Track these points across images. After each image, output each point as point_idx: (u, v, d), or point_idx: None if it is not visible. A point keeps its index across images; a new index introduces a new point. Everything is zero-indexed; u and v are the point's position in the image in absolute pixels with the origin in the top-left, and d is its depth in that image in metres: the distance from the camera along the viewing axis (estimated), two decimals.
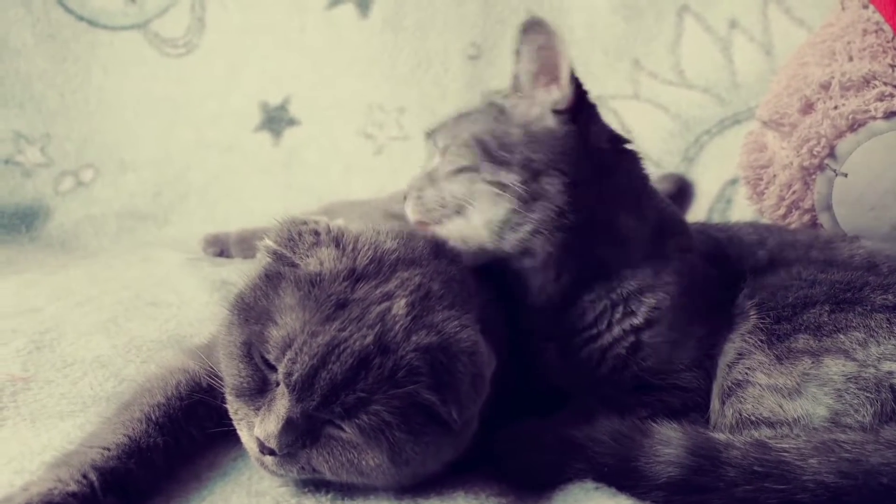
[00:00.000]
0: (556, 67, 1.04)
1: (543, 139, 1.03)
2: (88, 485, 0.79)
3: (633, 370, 1.08)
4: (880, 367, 0.94)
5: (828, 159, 1.32)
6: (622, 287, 1.06)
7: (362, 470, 0.83)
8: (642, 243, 1.08)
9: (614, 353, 1.07)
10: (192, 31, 2.49)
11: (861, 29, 1.48)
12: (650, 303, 1.06)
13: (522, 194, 1.00)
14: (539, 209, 1.01)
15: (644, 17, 2.16)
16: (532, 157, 1.01)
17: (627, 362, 1.07)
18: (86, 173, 2.44)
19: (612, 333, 1.07)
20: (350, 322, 0.82)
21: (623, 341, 1.07)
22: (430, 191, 1.08)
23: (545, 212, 1.01)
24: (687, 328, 1.08)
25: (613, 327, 1.07)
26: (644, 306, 1.06)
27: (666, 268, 1.08)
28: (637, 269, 1.07)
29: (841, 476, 0.84)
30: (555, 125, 1.04)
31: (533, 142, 1.03)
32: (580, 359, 1.09)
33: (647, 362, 1.07)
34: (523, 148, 1.02)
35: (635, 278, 1.06)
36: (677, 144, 2.07)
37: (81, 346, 1.24)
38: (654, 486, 0.88)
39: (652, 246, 1.09)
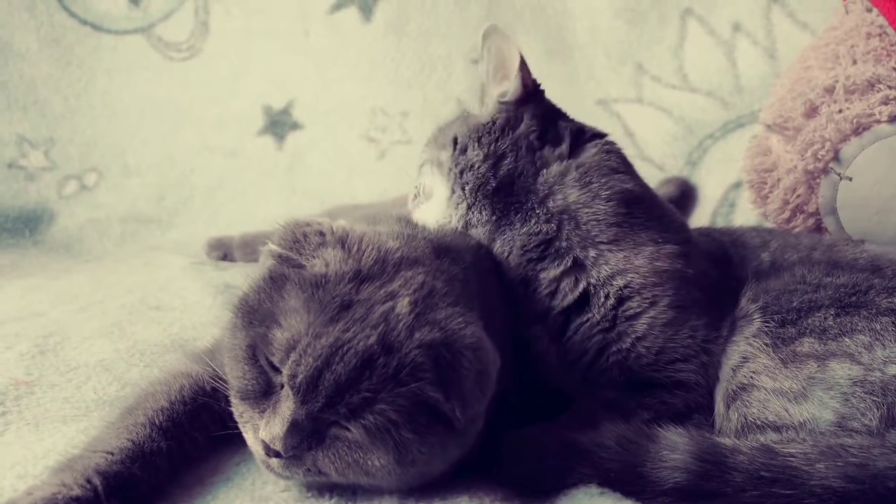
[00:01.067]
0: (510, 65, 1.18)
1: (471, 121, 1.20)
2: (92, 489, 0.79)
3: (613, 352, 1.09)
4: (886, 370, 0.94)
5: (832, 163, 1.31)
6: (596, 270, 1.11)
7: (368, 470, 0.82)
8: (602, 223, 1.11)
9: (597, 330, 1.10)
10: (195, 36, 2.50)
11: (865, 32, 1.48)
12: (619, 283, 1.10)
13: (454, 166, 1.17)
14: (469, 179, 1.15)
15: (647, 20, 2.16)
16: (457, 132, 1.19)
17: (607, 340, 1.10)
18: (89, 177, 2.45)
19: (598, 314, 1.10)
20: (354, 323, 0.81)
21: (605, 318, 1.10)
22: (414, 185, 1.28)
23: (473, 181, 1.15)
24: (676, 312, 1.09)
25: (600, 309, 1.11)
26: (614, 287, 1.10)
27: (636, 253, 1.11)
28: (608, 253, 1.11)
29: (848, 480, 0.84)
30: (489, 112, 1.19)
31: (463, 124, 1.20)
32: (571, 343, 1.11)
33: (625, 342, 1.09)
34: (454, 129, 1.21)
35: (607, 263, 1.11)
36: (680, 148, 2.07)
37: (85, 351, 1.25)
38: (660, 491, 0.88)
39: (618, 228, 1.11)
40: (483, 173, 1.14)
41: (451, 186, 1.17)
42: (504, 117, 1.17)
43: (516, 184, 1.14)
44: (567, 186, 1.13)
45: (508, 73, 1.18)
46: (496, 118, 1.17)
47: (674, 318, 1.09)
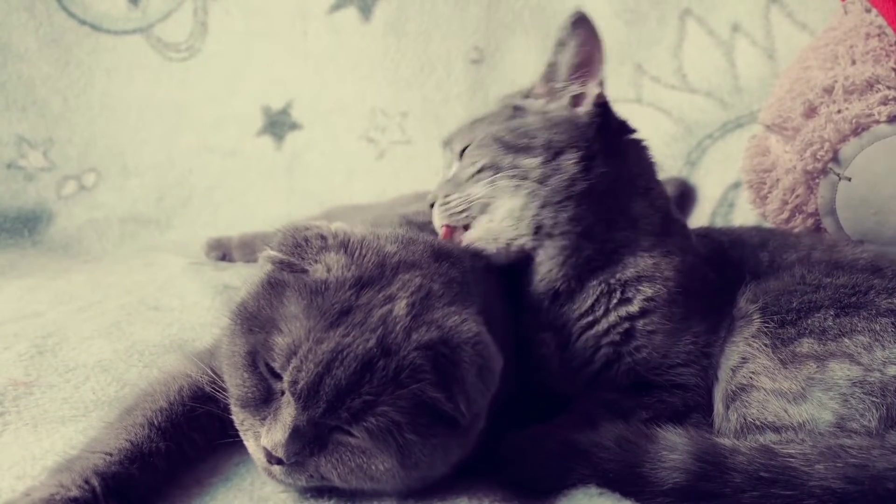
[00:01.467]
0: (595, 63, 1.13)
1: (563, 123, 1.10)
2: (90, 490, 0.79)
3: (626, 362, 1.08)
4: (886, 371, 0.94)
5: (831, 163, 1.31)
6: (623, 272, 1.08)
7: (372, 475, 0.82)
8: (651, 231, 1.11)
9: (608, 341, 1.08)
10: (194, 36, 2.50)
11: (864, 33, 1.48)
12: (647, 293, 1.08)
13: (541, 175, 1.07)
14: (552, 182, 1.07)
15: (647, 21, 2.16)
16: (553, 137, 1.08)
17: (620, 352, 1.08)
18: (88, 177, 2.44)
19: (608, 320, 1.08)
20: (353, 327, 0.81)
21: (617, 328, 1.08)
22: (455, 195, 1.12)
23: (557, 182, 1.06)
24: (682, 323, 1.09)
25: (609, 314, 1.08)
26: (640, 295, 1.08)
27: (667, 261, 1.09)
28: (639, 257, 1.09)
29: (847, 482, 0.84)
30: (581, 112, 1.12)
31: (554, 125, 1.10)
32: (576, 349, 1.10)
33: (641, 353, 1.08)
34: (545, 132, 1.09)
35: (636, 266, 1.09)
36: (680, 148, 2.07)
37: (83, 351, 1.24)
38: (659, 491, 0.88)
39: (657, 237, 1.11)
40: (572, 174, 1.06)
41: (528, 193, 1.07)
42: (599, 121, 1.11)
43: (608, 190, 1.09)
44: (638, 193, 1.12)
45: (593, 72, 1.12)
46: (594, 121, 1.11)
47: (680, 327, 1.09)
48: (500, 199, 1.08)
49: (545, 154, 1.07)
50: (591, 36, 1.11)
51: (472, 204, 1.10)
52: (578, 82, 1.12)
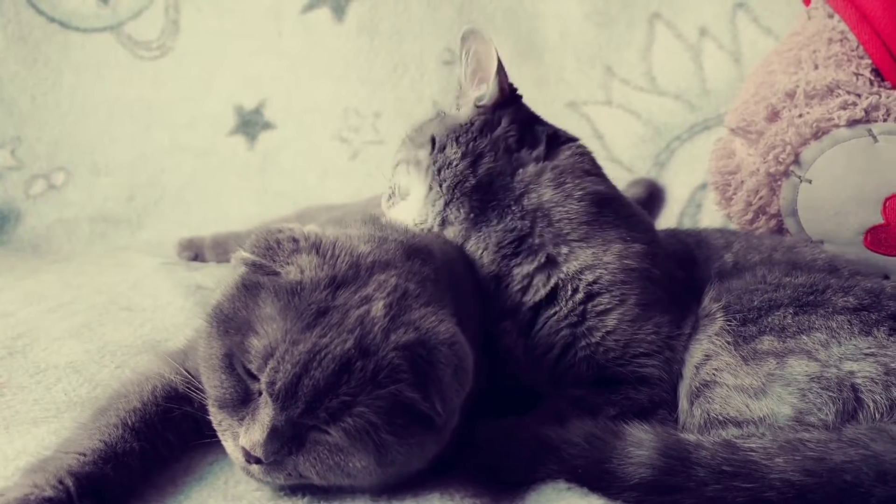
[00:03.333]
0: (486, 68, 1.20)
1: (448, 121, 1.22)
2: (65, 490, 0.79)
3: (582, 346, 1.12)
4: (842, 366, 0.97)
5: (793, 166, 1.34)
6: (566, 266, 1.14)
7: (349, 472, 0.83)
8: (574, 221, 1.14)
9: (566, 324, 1.13)
10: (166, 34, 2.48)
11: (826, 38, 1.51)
12: (588, 279, 1.13)
13: (432, 164, 1.18)
14: (447, 176, 1.17)
15: (616, 24, 2.19)
16: (434, 132, 1.20)
17: (576, 334, 1.12)
18: (57, 176, 2.41)
19: (566, 308, 1.13)
20: (330, 328, 0.82)
21: (573, 313, 1.13)
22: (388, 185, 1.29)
23: (451, 178, 1.16)
24: (642, 310, 1.12)
25: (567, 303, 1.13)
26: (583, 283, 1.13)
27: (604, 249, 1.14)
28: (578, 249, 1.14)
29: (806, 474, 0.86)
30: (466, 114, 1.21)
31: (440, 124, 1.22)
32: (540, 338, 1.14)
33: (594, 336, 1.12)
34: (432, 128, 1.22)
35: (577, 259, 1.14)
36: (649, 150, 2.10)
37: (54, 352, 1.24)
38: (626, 486, 0.90)
39: (588, 227, 1.15)
40: (461, 171, 1.16)
41: (428, 184, 1.18)
42: (482, 119, 1.19)
43: (494, 183, 1.16)
44: (542, 186, 1.16)
45: (486, 76, 1.19)
46: (474, 120, 1.19)
47: (639, 314, 1.12)
48: (413, 189, 1.22)
49: (429, 146, 1.20)
50: (478, 44, 1.19)
51: (394, 191, 1.26)
52: (475, 89, 1.22)
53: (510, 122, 1.20)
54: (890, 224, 1.29)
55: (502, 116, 1.20)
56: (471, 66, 1.21)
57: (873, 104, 1.31)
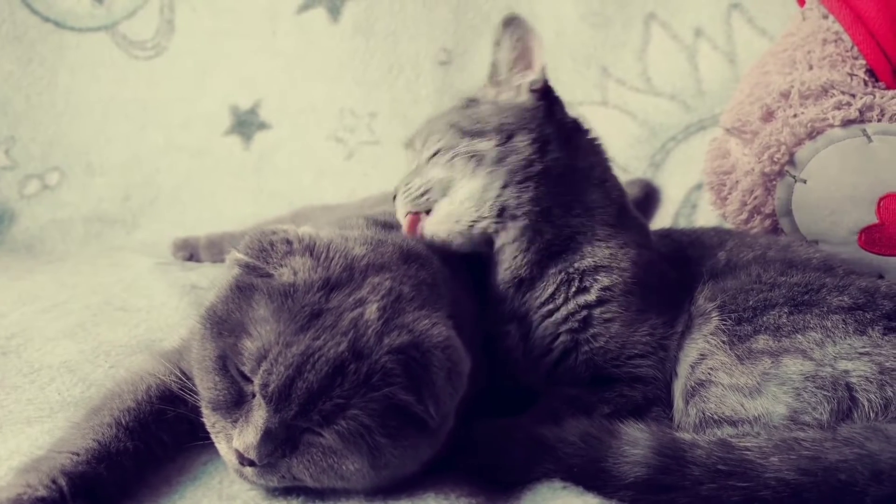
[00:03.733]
0: (531, 55, 1.18)
1: (513, 108, 1.16)
2: (58, 490, 0.79)
3: (584, 350, 1.11)
4: (836, 366, 0.97)
5: (788, 166, 1.34)
6: (581, 262, 1.12)
7: (343, 475, 0.83)
8: (606, 221, 1.14)
9: (566, 328, 1.11)
10: (160, 34, 2.47)
11: (821, 38, 1.51)
12: (604, 282, 1.11)
13: (497, 157, 1.10)
14: (510, 162, 1.10)
15: (612, 25, 2.20)
16: (504, 120, 1.13)
17: (578, 340, 1.11)
18: (52, 176, 2.41)
19: (567, 308, 1.11)
20: (324, 330, 0.82)
21: (576, 315, 1.11)
22: (415, 180, 1.15)
23: (515, 162, 1.10)
24: (638, 314, 1.12)
25: (569, 302, 1.11)
26: (598, 284, 1.11)
27: (623, 252, 1.13)
28: (596, 247, 1.12)
29: (801, 473, 0.86)
30: (524, 99, 1.17)
31: (504, 110, 1.15)
32: (536, 338, 1.12)
33: (598, 342, 1.11)
34: (496, 116, 1.14)
35: (594, 255, 1.12)
36: (644, 150, 2.10)
37: (48, 352, 1.23)
38: (621, 485, 0.90)
39: (613, 229, 1.14)
40: (528, 156, 1.11)
41: (486, 173, 1.10)
42: (543, 105, 1.16)
43: (563, 174, 1.13)
44: (590, 183, 1.16)
45: (532, 63, 1.18)
46: (539, 104, 1.16)
47: (637, 318, 1.12)
48: (460, 181, 1.11)
49: (498, 136, 1.11)
50: (524, 31, 1.17)
51: (432, 186, 1.13)
52: (519, 75, 1.19)
53: (563, 110, 1.19)
54: (884, 224, 1.29)
55: (554, 103, 1.18)
56: (516, 52, 1.18)
57: (867, 104, 1.31)
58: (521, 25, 1.17)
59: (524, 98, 1.17)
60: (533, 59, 1.18)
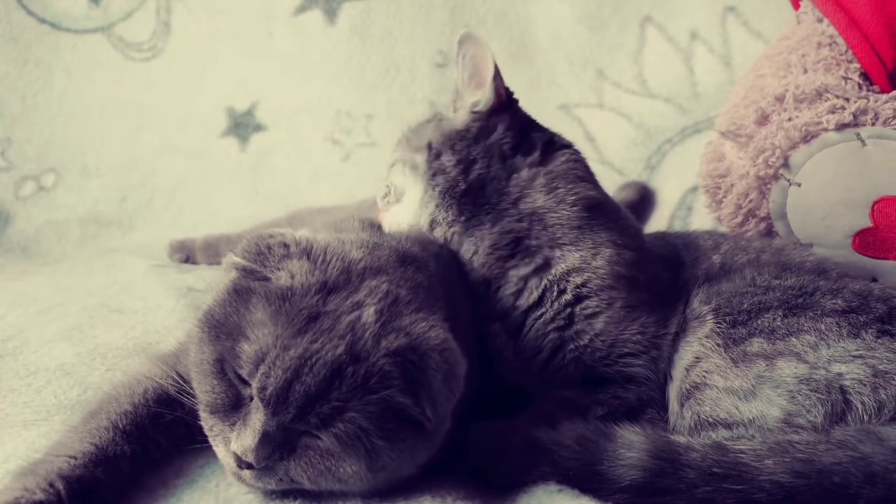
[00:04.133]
0: (483, 73, 1.19)
1: (444, 128, 1.22)
2: (55, 493, 0.79)
3: (570, 348, 1.13)
4: (830, 368, 0.98)
5: (782, 169, 1.35)
6: (555, 268, 1.14)
7: (340, 477, 0.84)
8: (566, 226, 1.15)
9: (553, 327, 1.14)
10: (157, 36, 2.47)
11: (816, 42, 1.52)
12: (576, 281, 1.14)
13: (428, 170, 1.19)
14: (440, 181, 1.18)
15: (608, 27, 2.20)
16: (431, 138, 1.20)
17: (564, 337, 1.13)
18: (47, 178, 2.40)
19: (553, 309, 1.14)
20: (321, 334, 0.82)
21: (561, 315, 1.14)
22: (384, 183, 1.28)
23: (444, 183, 1.17)
24: (627, 312, 1.13)
25: (553, 304, 1.14)
26: (571, 285, 1.14)
27: (594, 254, 1.15)
28: (567, 252, 1.15)
29: (795, 476, 0.87)
30: (462, 121, 1.21)
31: (436, 130, 1.22)
32: (527, 340, 1.15)
33: (583, 339, 1.13)
34: (428, 133, 1.22)
35: (565, 261, 1.15)
36: (640, 153, 2.11)
37: (44, 355, 1.23)
38: (617, 488, 0.90)
39: (579, 231, 1.16)
40: (454, 177, 1.17)
41: (423, 188, 1.19)
42: (478, 126, 1.19)
43: (488, 187, 1.17)
44: (535, 191, 1.17)
45: (483, 81, 1.19)
46: (470, 126, 1.19)
47: (625, 315, 1.13)
48: (408, 191, 1.22)
49: (427, 153, 1.20)
50: (476, 48, 1.19)
51: (390, 189, 1.26)
52: (475, 93, 1.21)
53: (505, 129, 1.20)
54: (878, 227, 1.30)
55: (498, 123, 1.20)
56: (467, 71, 1.21)
57: (861, 108, 1.32)
58: (473, 42, 1.19)
59: (460, 119, 1.21)
60: (484, 77, 1.19)
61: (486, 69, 1.19)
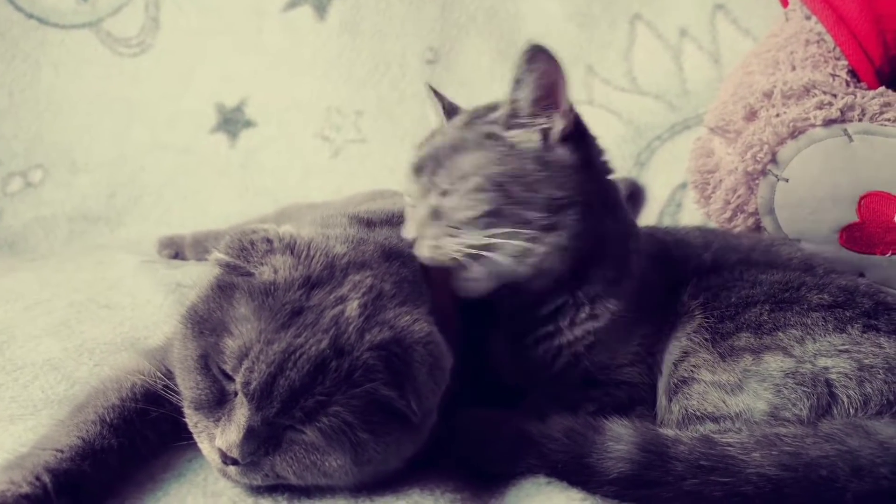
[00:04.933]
0: (557, 94, 1.04)
1: (561, 174, 1.04)
2: (41, 486, 0.79)
3: (584, 366, 1.11)
4: (816, 362, 0.98)
5: (770, 165, 1.35)
6: (590, 287, 1.08)
7: (326, 471, 0.84)
8: (616, 245, 1.11)
9: (571, 351, 1.10)
10: (146, 31, 2.46)
11: (804, 39, 1.53)
12: (612, 308, 1.09)
13: (542, 227, 1.02)
14: (555, 235, 1.03)
15: (598, 24, 2.21)
16: (555, 194, 1.03)
17: (580, 359, 1.11)
18: (35, 174, 2.39)
19: (574, 333, 1.09)
20: (305, 328, 0.82)
21: (583, 340, 1.09)
22: (447, 240, 1.04)
23: (561, 237, 1.03)
24: (633, 328, 1.12)
25: (575, 328, 1.09)
26: (608, 312, 1.09)
27: (628, 271, 1.11)
28: (603, 270, 1.09)
29: (782, 469, 0.87)
30: (566, 156, 1.06)
31: (552, 178, 1.03)
32: (535, 354, 1.11)
33: (598, 358, 1.11)
34: (545, 186, 1.03)
35: (602, 280, 1.09)
36: (630, 149, 2.12)
37: (31, 350, 1.23)
38: (605, 481, 0.91)
39: (620, 247, 1.12)
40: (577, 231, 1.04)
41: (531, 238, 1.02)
42: (578, 157, 1.06)
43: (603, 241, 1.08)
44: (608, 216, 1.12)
45: (557, 101, 1.04)
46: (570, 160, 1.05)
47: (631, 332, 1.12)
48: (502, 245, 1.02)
49: (546, 210, 1.03)
50: (549, 66, 1.02)
51: (473, 249, 1.03)
52: (544, 115, 1.05)
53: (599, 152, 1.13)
54: (865, 222, 1.30)
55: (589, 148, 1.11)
56: (537, 91, 1.03)
57: (849, 104, 1.33)
58: (548, 59, 1.02)
59: (560, 153, 1.05)
60: (559, 98, 1.04)
61: (562, 89, 1.04)
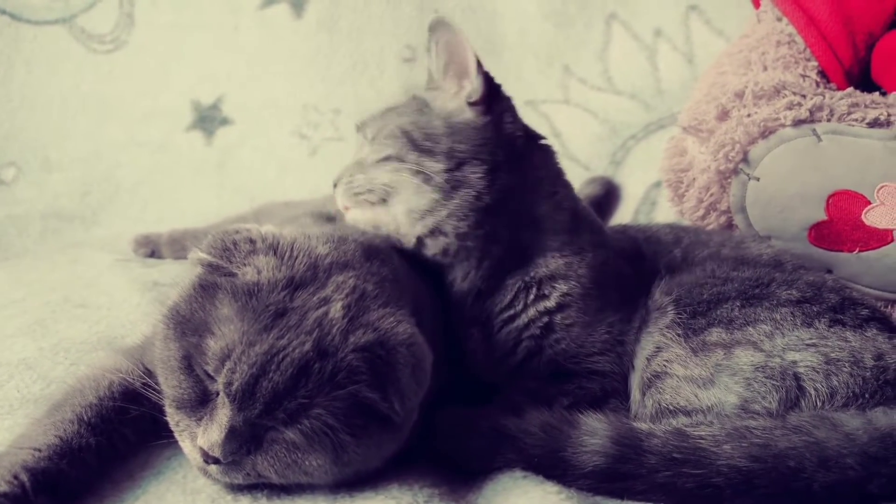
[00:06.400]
0: (464, 61, 1.11)
1: (465, 130, 1.10)
2: (20, 485, 0.79)
3: (547, 353, 1.13)
4: (785, 356, 1.00)
5: (742, 164, 1.38)
6: (536, 271, 1.12)
7: (307, 471, 0.84)
8: (558, 231, 1.14)
9: (529, 334, 1.13)
10: (120, 27, 2.43)
11: (775, 40, 1.56)
12: (562, 289, 1.12)
13: (444, 184, 1.08)
14: (458, 196, 1.08)
15: (574, 24, 2.22)
16: (455, 147, 1.09)
17: (542, 344, 1.13)
18: (7, 172, 2.36)
19: (528, 314, 1.13)
20: (288, 330, 0.83)
21: (537, 322, 1.13)
22: (359, 176, 1.14)
23: (464, 197, 1.08)
24: (598, 315, 1.14)
25: (528, 309, 1.13)
26: (556, 292, 1.12)
27: (579, 259, 1.14)
28: (550, 258, 1.13)
29: (752, 460, 0.89)
30: (473, 116, 1.11)
31: (455, 133, 1.10)
32: (499, 342, 1.14)
33: (561, 345, 1.13)
34: (447, 139, 1.09)
35: (548, 266, 1.13)
36: (605, 148, 2.13)
37: (6, 349, 1.21)
38: (580, 474, 0.92)
39: (568, 236, 1.15)
40: (479, 190, 1.07)
41: (433, 198, 1.07)
42: (488, 120, 1.10)
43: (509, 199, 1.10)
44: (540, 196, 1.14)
45: (465, 69, 1.10)
46: (481, 122, 1.10)
47: (595, 318, 1.14)
48: (403, 193, 1.10)
49: (448, 162, 1.08)
50: (450, 34, 1.10)
51: (375, 188, 1.11)
52: (455, 80, 1.12)
53: (513, 120, 1.13)
54: (833, 220, 1.33)
55: (503, 112, 1.12)
56: (441, 59, 1.12)
57: (818, 105, 1.35)
58: (446, 28, 1.10)
59: (469, 116, 1.10)
60: (467, 66, 1.10)
61: (465, 56, 1.10)
